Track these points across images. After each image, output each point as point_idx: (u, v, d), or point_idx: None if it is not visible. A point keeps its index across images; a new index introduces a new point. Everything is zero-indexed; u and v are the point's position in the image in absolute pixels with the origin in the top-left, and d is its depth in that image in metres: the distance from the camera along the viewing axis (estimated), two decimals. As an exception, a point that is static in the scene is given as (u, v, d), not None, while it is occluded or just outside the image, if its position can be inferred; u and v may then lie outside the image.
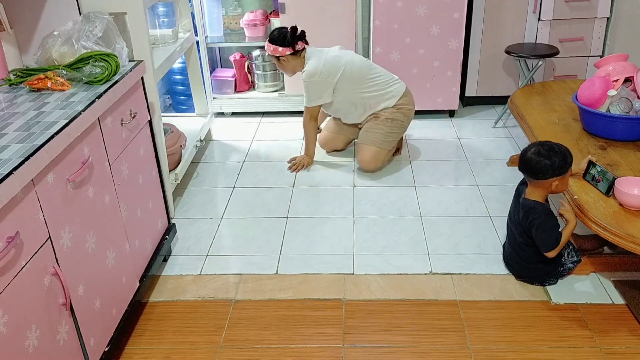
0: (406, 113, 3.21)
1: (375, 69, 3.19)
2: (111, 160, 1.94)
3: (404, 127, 3.24)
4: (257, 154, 3.51)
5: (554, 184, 2.13)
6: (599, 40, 3.76)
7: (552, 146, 2.13)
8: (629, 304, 2.17)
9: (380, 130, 3.16)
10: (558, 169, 2.10)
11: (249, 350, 2.03)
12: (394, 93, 3.17)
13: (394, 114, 3.17)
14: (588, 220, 2.08)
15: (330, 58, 3.11)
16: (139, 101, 2.21)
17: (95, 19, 2.18)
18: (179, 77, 3.94)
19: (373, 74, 3.16)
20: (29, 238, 1.45)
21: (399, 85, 3.20)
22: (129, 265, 2.07)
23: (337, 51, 3.17)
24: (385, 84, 3.17)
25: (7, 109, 1.77)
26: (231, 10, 4.03)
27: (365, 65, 3.17)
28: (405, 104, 3.20)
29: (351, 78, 3.11)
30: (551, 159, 2.09)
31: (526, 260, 2.26)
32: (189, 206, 2.96)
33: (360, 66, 3.14)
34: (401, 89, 3.20)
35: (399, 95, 3.17)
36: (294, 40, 3.08)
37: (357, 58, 3.18)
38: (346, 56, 3.15)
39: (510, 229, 2.32)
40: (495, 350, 2.00)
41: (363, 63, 3.17)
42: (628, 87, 2.62)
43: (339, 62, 3.10)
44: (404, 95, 3.19)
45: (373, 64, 3.24)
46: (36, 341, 1.46)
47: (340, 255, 2.53)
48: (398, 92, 3.18)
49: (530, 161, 2.14)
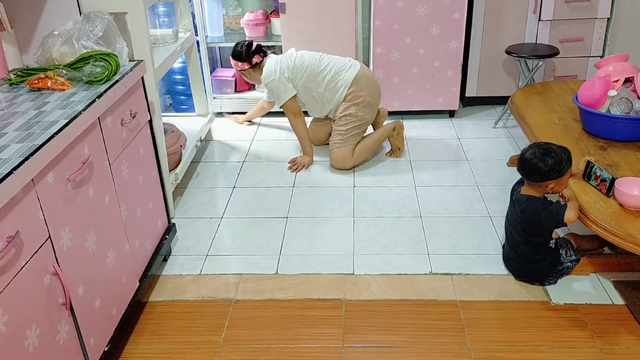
0: (359, 103, 3.18)
1: (324, 61, 3.20)
2: (111, 160, 1.94)
3: (363, 119, 3.23)
4: (257, 154, 3.51)
5: (549, 186, 2.14)
6: (599, 41, 3.76)
7: (550, 149, 2.13)
8: (628, 304, 2.17)
9: (339, 131, 3.22)
10: (551, 172, 2.10)
11: (249, 350, 2.03)
12: (342, 82, 3.18)
13: (347, 110, 3.19)
14: (588, 221, 2.08)
15: (282, 57, 3.24)
16: (139, 101, 2.21)
17: (96, 18, 2.18)
18: (179, 76, 3.94)
19: (322, 65, 3.19)
20: (29, 238, 1.45)
21: (348, 74, 3.17)
22: (128, 265, 2.07)
23: (289, 51, 3.28)
24: (335, 76, 3.18)
25: (7, 108, 1.77)
26: (231, 10, 4.03)
27: (313, 59, 3.21)
28: (356, 92, 3.17)
29: (303, 73, 3.20)
30: (545, 162, 2.09)
31: (525, 259, 2.26)
32: (189, 206, 2.96)
33: (310, 60, 3.21)
34: (349, 76, 3.16)
35: (347, 84, 3.17)
36: (250, 57, 3.26)
37: (307, 54, 3.24)
38: (297, 54, 3.25)
39: (509, 229, 2.32)
40: (495, 350, 2.00)
41: (312, 57, 3.22)
42: (628, 88, 2.62)
43: (289, 60, 3.22)
44: (353, 83, 3.16)
45: (324, 56, 3.23)
46: (36, 341, 1.46)
47: (340, 255, 2.53)
48: (346, 81, 3.17)
49: (526, 162, 2.15)
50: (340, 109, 3.20)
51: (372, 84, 3.24)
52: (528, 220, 2.17)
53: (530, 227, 2.19)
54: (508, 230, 2.33)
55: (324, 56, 3.24)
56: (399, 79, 3.76)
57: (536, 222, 2.16)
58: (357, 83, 3.18)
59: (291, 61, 3.21)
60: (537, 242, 2.22)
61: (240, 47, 3.27)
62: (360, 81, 3.18)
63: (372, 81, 3.25)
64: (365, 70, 3.24)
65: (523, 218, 2.19)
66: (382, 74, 3.75)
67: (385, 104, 3.71)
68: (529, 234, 2.20)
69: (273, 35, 3.93)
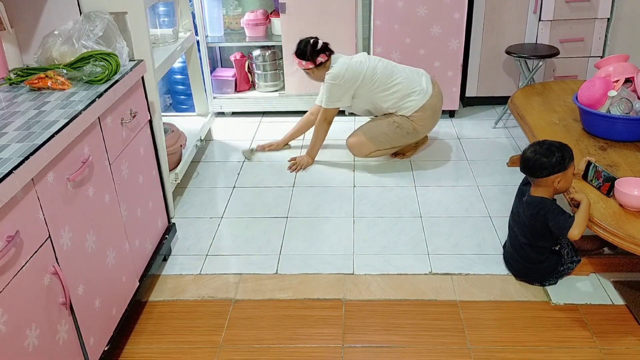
0: (416, 128, 3.15)
1: (395, 78, 3.10)
2: (111, 159, 1.94)
3: (405, 138, 3.19)
4: (258, 154, 3.51)
5: (556, 182, 2.14)
6: (599, 41, 3.76)
7: (551, 144, 2.14)
8: (628, 304, 2.17)
9: (380, 128, 3.17)
10: (557, 165, 2.10)
11: (249, 350, 2.03)
12: (408, 106, 3.11)
13: (404, 122, 3.13)
14: (588, 221, 2.08)
15: (354, 64, 3.10)
16: (139, 101, 2.21)
17: (96, 18, 2.18)
18: (180, 76, 3.94)
19: (392, 83, 3.09)
20: (29, 237, 1.45)
21: (417, 100, 3.11)
22: (128, 265, 2.07)
23: (362, 57, 3.15)
24: (403, 98, 3.11)
25: (8, 108, 1.77)
26: (232, 10, 4.03)
27: (385, 75, 3.09)
28: (417, 118, 3.13)
29: (371, 86, 3.10)
30: (549, 157, 2.10)
31: (527, 260, 2.26)
32: (189, 206, 2.96)
33: (381, 76, 3.09)
34: (418, 104, 3.11)
35: (413, 109, 3.11)
36: (315, 56, 3.12)
37: (380, 65, 3.11)
38: (369, 63, 3.11)
39: (513, 229, 2.31)
40: (494, 350, 2.00)
41: (384, 70, 3.10)
42: (628, 88, 2.62)
43: (361, 68, 3.09)
44: (419, 110, 3.11)
45: (396, 71, 3.13)
46: (36, 340, 1.46)
47: (340, 255, 2.53)
48: (413, 107, 3.11)
49: (528, 160, 2.15)
50: (398, 117, 3.14)
51: (435, 117, 3.21)
52: (536, 225, 2.17)
53: (537, 231, 2.18)
54: (512, 230, 2.32)
55: (396, 71, 3.12)
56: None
57: (544, 228, 2.16)
58: (423, 111, 3.13)
59: (363, 70, 3.08)
60: (542, 246, 2.22)
61: (304, 45, 3.13)
62: (426, 111, 3.14)
63: (436, 114, 3.20)
64: (434, 99, 3.15)
65: (532, 222, 2.18)
66: (382, 74, 3.74)
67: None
68: (535, 237, 2.20)
69: (273, 35, 3.93)
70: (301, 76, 3.83)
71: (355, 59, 3.14)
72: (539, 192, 2.19)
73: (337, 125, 3.83)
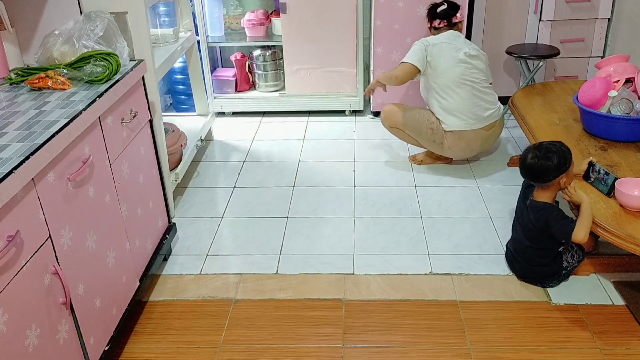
0: (444, 144, 3.08)
1: (453, 93, 2.98)
2: (112, 159, 1.94)
3: (432, 144, 3.12)
4: (258, 153, 3.51)
5: (562, 181, 2.14)
6: (600, 41, 3.76)
7: (548, 147, 2.14)
8: (629, 305, 2.17)
9: (419, 116, 3.11)
10: (561, 166, 2.10)
11: (249, 350, 2.03)
12: (449, 123, 3.02)
13: (439, 130, 3.06)
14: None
15: (444, 46, 3.00)
16: (140, 100, 2.21)
17: (96, 18, 2.18)
18: (180, 76, 3.95)
19: (447, 93, 3.00)
20: (29, 237, 1.45)
21: (459, 124, 3.01)
22: (129, 265, 2.07)
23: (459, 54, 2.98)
24: (447, 111, 3.01)
25: (8, 107, 1.77)
26: (232, 10, 4.03)
27: (451, 80, 2.97)
28: (451, 139, 3.04)
29: (434, 77, 3.02)
30: (551, 160, 2.10)
31: (530, 262, 2.26)
32: (189, 206, 2.96)
33: (448, 79, 2.98)
34: (457, 127, 3.01)
35: (452, 128, 3.02)
36: (432, 17, 3.17)
37: (457, 70, 2.96)
38: (453, 59, 2.97)
39: (517, 229, 2.31)
40: (495, 350, 2.00)
41: (454, 78, 2.97)
42: (629, 88, 2.62)
43: (439, 55, 2.99)
44: (456, 134, 3.03)
45: (465, 88, 2.98)
46: (36, 340, 1.46)
47: (340, 255, 2.53)
48: (452, 126, 3.02)
49: (531, 167, 2.14)
50: (437, 122, 3.06)
51: (468, 149, 3.09)
52: (541, 228, 2.17)
53: (541, 234, 2.18)
54: (516, 231, 2.32)
55: (463, 88, 2.98)
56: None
57: (547, 232, 2.16)
58: (459, 138, 3.04)
59: (439, 57, 2.98)
60: (546, 248, 2.22)
61: (432, 5, 3.21)
62: (461, 140, 3.05)
63: (471, 147, 3.08)
64: (475, 135, 3.04)
65: (537, 226, 2.18)
66: (383, 74, 3.75)
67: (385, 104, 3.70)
68: (539, 240, 2.20)
69: (274, 35, 3.93)
70: (302, 76, 3.84)
71: (451, 47, 3.00)
72: (542, 196, 2.18)
73: (337, 125, 3.84)
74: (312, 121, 3.92)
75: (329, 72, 3.83)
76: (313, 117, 3.97)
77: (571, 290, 2.27)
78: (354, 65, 3.80)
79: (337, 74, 3.83)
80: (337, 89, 3.89)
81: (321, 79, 3.85)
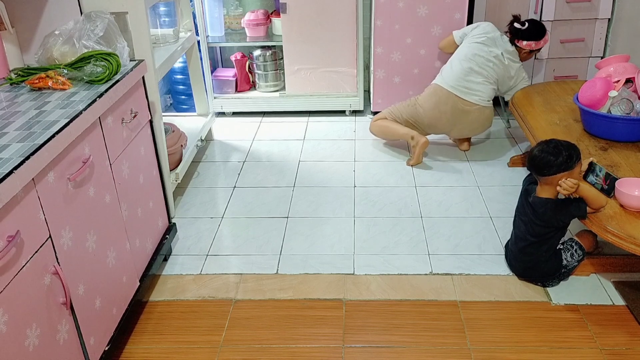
0: (420, 100, 3.32)
1: (463, 62, 3.23)
2: (112, 159, 1.94)
3: (407, 107, 3.35)
4: (258, 153, 3.51)
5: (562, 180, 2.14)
6: (600, 41, 3.76)
7: (558, 143, 2.15)
8: (629, 305, 2.17)
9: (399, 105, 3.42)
10: (564, 164, 2.10)
11: (249, 350, 2.03)
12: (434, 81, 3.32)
13: (417, 98, 3.34)
14: (589, 221, 2.08)
15: (482, 36, 3.26)
16: (140, 100, 2.21)
17: (97, 18, 2.18)
18: (180, 76, 3.95)
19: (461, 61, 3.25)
20: (30, 237, 1.45)
21: (438, 79, 3.29)
22: (129, 265, 2.07)
23: (490, 50, 3.23)
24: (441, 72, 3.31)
25: (8, 108, 1.77)
26: (232, 10, 4.03)
27: (464, 53, 3.26)
28: (426, 95, 3.30)
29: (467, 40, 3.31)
30: (556, 155, 2.10)
31: (530, 260, 2.26)
32: (189, 206, 2.96)
33: (452, 70, 3.25)
34: (436, 80, 3.30)
35: (433, 82, 3.33)
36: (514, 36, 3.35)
37: (463, 65, 3.22)
38: (478, 57, 3.22)
39: (519, 228, 2.30)
40: (495, 350, 2.00)
41: (467, 53, 3.24)
42: (629, 88, 2.62)
43: (473, 44, 3.26)
44: (430, 86, 3.32)
45: (472, 58, 3.23)
46: (36, 340, 1.46)
47: (340, 255, 2.53)
48: (434, 81, 3.32)
49: (535, 158, 2.15)
50: None
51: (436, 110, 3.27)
52: (548, 221, 2.17)
53: (548, 227, 2.19)
54: (519, 229, 2.30)
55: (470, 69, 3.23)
56: (399, 79, 3.76)
57: (555, 225, 2.17)
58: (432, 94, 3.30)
59: (471, 44, 3.27)
60: (549, 243, 2.22)
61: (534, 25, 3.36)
62: (432, 97, 3.29)
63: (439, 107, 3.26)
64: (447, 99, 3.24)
65: (543, 219, 2.18)
66: (383, 74, 3.75)
67: (385, 104, 3.71)
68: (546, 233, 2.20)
69: (274, 35, 3.93)
70: (302, 76, 3.84)
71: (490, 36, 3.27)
72: (544, 192, 2.18)
73: (338, 125, 3.85)
74: (312, 121, 3.92)
75: (329, 72, 3.83)
76: (313, 117, 3.98)
77: (571, 290, 2.27)
78: (354, 66, 3.80)
79: (337, 74, 3.83)
80: (337, 89, 3.89)
81: (321, 79, 3.86)
